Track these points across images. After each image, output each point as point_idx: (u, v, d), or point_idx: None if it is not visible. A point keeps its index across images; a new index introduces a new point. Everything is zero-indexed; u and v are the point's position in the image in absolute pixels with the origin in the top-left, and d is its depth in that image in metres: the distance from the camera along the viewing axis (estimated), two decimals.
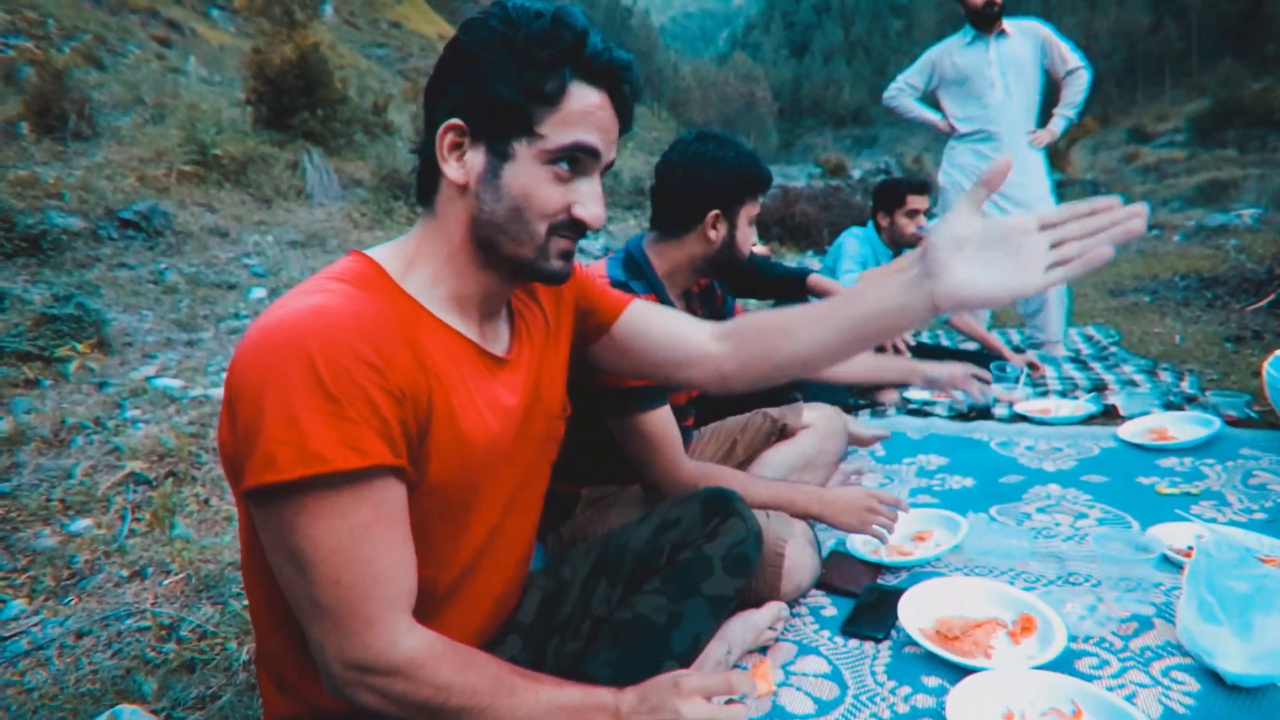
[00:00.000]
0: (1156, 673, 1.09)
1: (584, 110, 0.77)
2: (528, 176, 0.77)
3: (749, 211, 1.48)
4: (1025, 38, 3.11)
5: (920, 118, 3.31)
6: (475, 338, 0.84)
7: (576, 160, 0.78)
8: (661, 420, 1.33)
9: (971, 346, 3.01)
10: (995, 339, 2.90)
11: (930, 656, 1.14)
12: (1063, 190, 11.43)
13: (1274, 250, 5.73)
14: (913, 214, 2.72)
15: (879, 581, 1.41)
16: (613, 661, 0.97)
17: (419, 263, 0.81)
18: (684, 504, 1.10)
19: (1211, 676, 1.06)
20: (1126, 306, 4.43)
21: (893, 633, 1.23)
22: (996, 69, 3.07)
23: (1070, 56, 3.10)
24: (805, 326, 0.92)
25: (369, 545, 0.67)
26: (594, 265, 1.44)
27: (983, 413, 2.42)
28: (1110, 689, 1.05)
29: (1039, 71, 3.14)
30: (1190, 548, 1.32)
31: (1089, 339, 3.53)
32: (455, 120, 0.77)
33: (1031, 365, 2.77)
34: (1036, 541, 1.52)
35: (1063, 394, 2.59)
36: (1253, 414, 2.15)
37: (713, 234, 1.45)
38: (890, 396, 2.70)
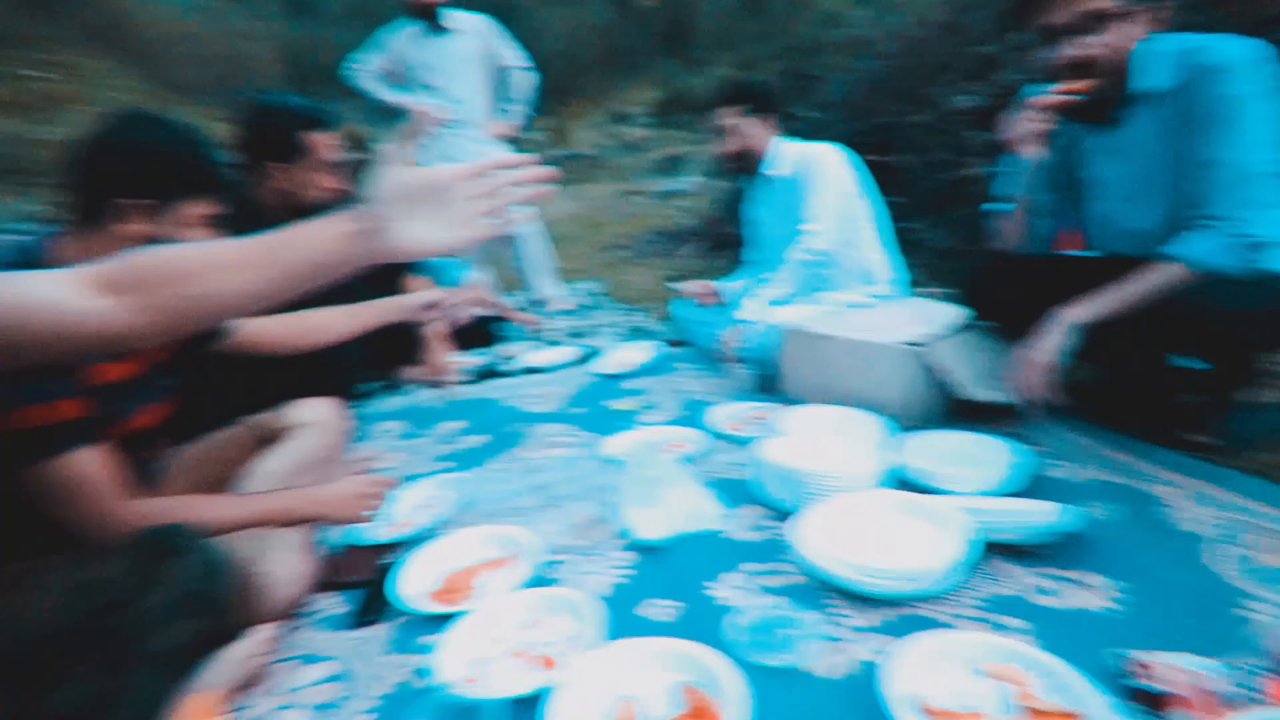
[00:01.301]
0: (609, 557, 1.35)
1: None
2: None
3: (187, 211, 1.27)
4: (473, 34, 3.37)
5: (386, 99, 3.35)
6: None
7: None
8: (85, 463, 1.09)
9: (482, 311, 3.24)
10: (502, 301, 3.18)
11: (427, 618, 1.20)
12: (568, 162, 13.01)
13: (704, 209, 7.56)
14: None
15: (390, 560, 1.42)
16: None
17: None
18: (108, 559, 0.92)
19: (643, 547, 1.36)
20: (612, 260, 5.35)
21: (396, 609, 1.26)
22: (447, 63, 3.29)
23: (510, 55, 3.47)
24: (228, 272, 0.83)
25: None
26: None
27: (494, 372, 2.64)
28: (576, 584, 1.26)
29: (488, 67, 3.44)
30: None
31: (585, 291, 4.16)
32: None
33: (532, 322, 3.12)
34: (531, 477, 1.74)
35: (561, 343, 2.99)
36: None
37: (130, 230, 1.21)
38: (417, 371, 2.74)
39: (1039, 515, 1.19)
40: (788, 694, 0.96)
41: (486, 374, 2.66)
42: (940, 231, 3.32)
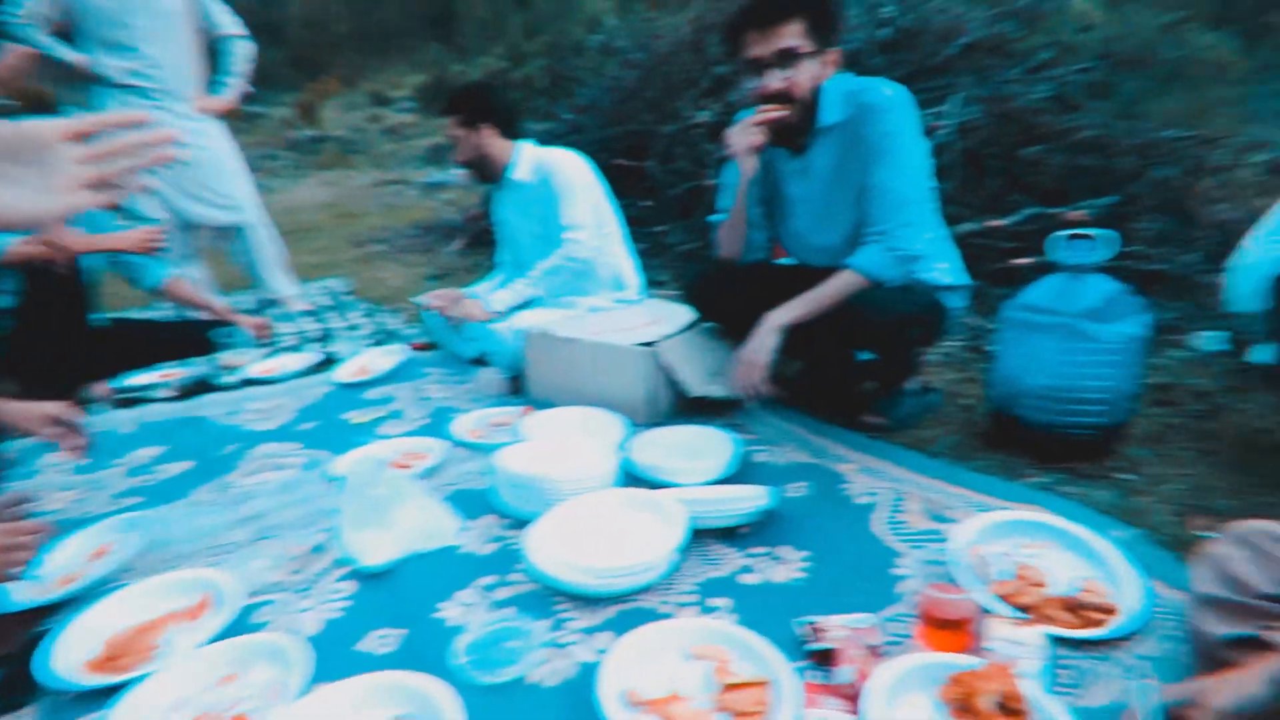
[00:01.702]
0: (326, 590, 1.23)
1: None
2: None
3: None
4: None
5: (55, 54, 2.74)
6: None
7: None
8: None
9: (203, 316, 2.81)
10: (221, 303, 2.78)
11: (88, 693, 1.00)
12: (319, 145, 11.83)
13: (469, 203, 7.35)
14: None
15: (42, 626, 1.16)
16: None
17: None
18: None
19: (366, 575, 1.26)
20: (365, 256, 4.97)
21: (45, 688, 1.03)
22: (138, 19, 2.77)
23: (225, 20, 3.03)
24: None
25: None
26: None
27: (209, 385, 2.30)
28: (287, 626, 1.13)
29: (195, 29, 2.96)
30: None
31: (328, 290, 3.80)
32: None
33: (260, 326, 2.77)
34: (240, 507, 1.53)
35: (296, 349, 2.69)
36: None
37: None
38: (103, 389, 2.29)
39: (746, 500, 1.31)
40: (509, 708, 0.95)
41: (199, 388, 2.30)
42: (684, 235, 3.56)
